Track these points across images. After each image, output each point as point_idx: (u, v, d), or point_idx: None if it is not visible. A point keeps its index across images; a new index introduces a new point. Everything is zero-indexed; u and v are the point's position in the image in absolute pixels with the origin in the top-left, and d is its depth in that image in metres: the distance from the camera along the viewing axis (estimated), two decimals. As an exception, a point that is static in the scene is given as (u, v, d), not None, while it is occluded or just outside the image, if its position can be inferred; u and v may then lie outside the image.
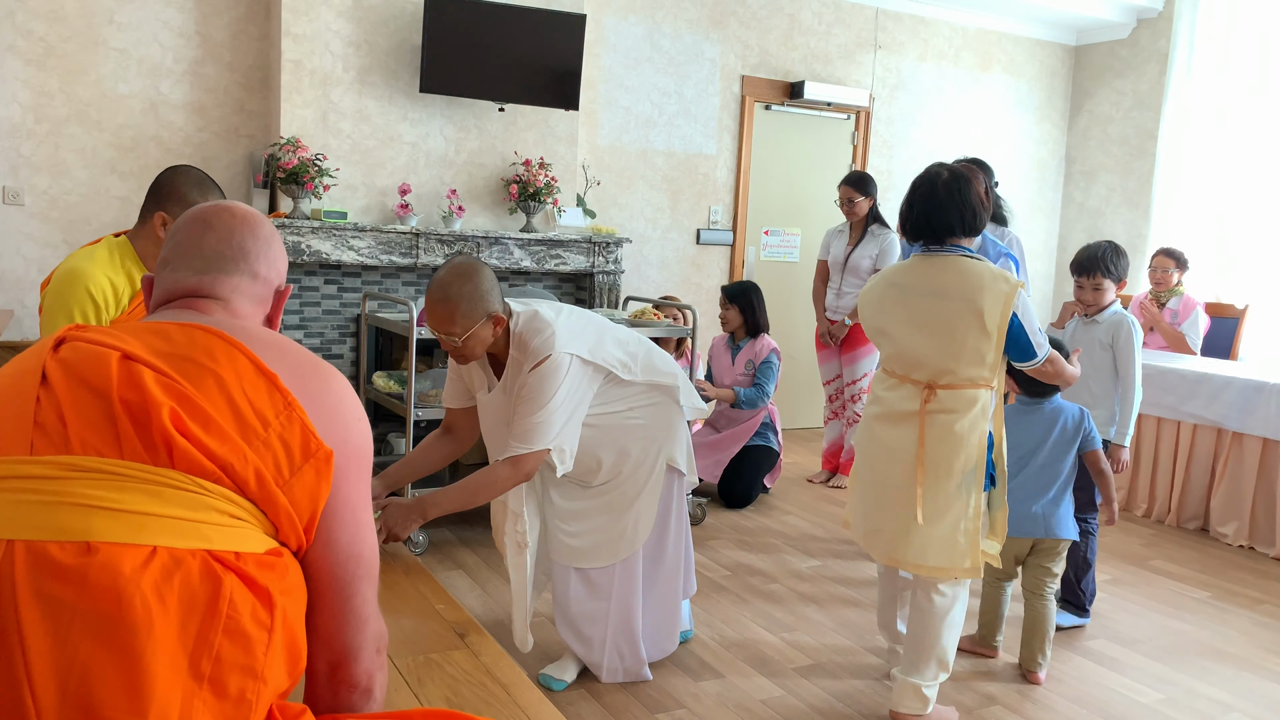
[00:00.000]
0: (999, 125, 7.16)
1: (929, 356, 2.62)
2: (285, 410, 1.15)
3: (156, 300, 1.34)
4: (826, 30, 6.40)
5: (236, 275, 1.33)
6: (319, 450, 1.15)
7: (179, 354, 1.15)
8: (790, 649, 3.17)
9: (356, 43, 4.77)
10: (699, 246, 6.19)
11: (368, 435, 1.24)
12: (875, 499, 2.73)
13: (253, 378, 1.15)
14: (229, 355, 1.16)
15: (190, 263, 1.31)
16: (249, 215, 1.36)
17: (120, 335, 1.17)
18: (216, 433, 1.10)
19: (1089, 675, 3.10)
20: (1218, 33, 6.47)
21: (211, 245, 1.32)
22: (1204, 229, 6.59)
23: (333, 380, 1.24)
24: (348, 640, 1.22)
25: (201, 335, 1.17)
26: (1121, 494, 5.04)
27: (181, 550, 1.05)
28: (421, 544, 3.89)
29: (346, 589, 1.21)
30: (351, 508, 1.21)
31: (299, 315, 4.76)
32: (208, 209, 1.36)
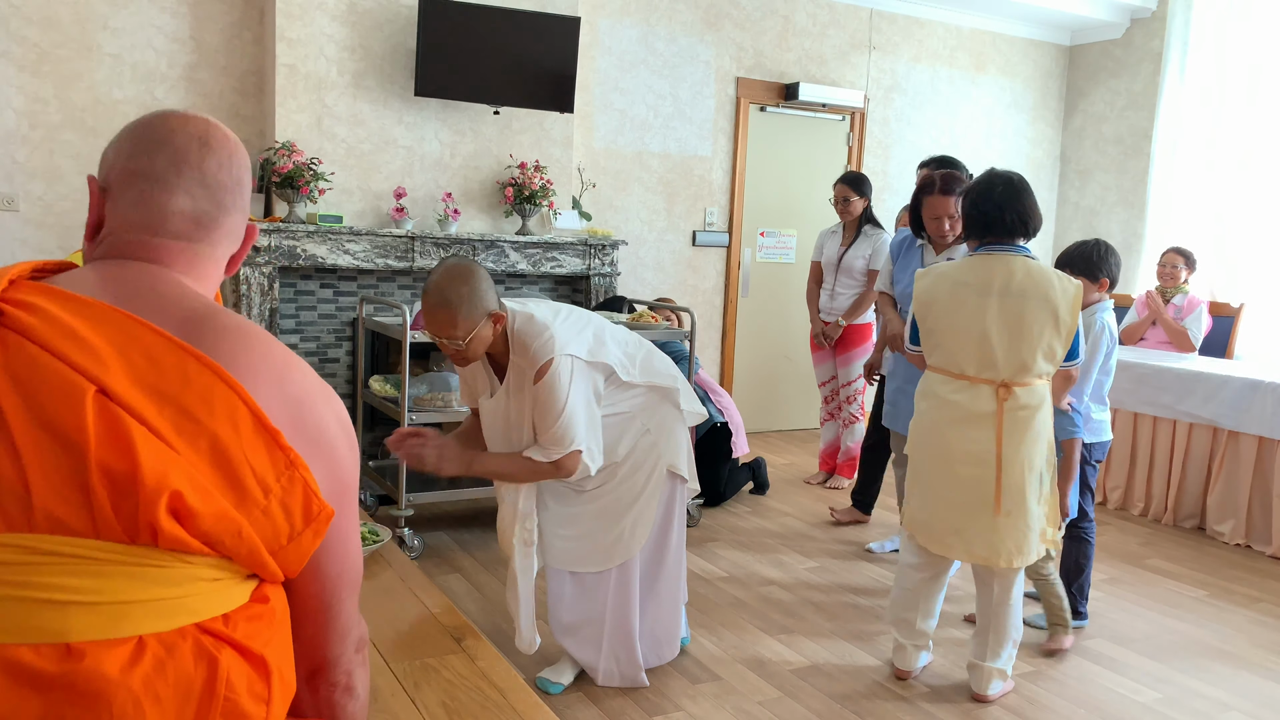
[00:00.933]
0: (994, 125, 7.17)
1: (1006, 355, 2.69)
2: (288, 471, 1.00)
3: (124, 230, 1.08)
4: (821, 32, 6.40)
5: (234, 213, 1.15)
6: (321, 512, 1.03)
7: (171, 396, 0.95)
8: (788, 651, 3.17)
9: (351, 47, 4.77)
10: (695, 248, 6.19)
11: (357, 460, 1.14)
12: (954, 500, 2.78)
13: (252, 435, 0.98)
14: (228, 407, 0.97)
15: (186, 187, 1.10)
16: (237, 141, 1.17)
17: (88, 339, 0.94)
18: (212, 510, 0.95)
19: (1086, 674, 3.10)
20: (1211, 32, 6.49)
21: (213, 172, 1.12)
22: (1199, 228, 6.60)
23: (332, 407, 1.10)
24: (329, 650, 1.16)
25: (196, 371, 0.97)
26: (1118, 493, 5.04)
27: (170, 634, 0.94)
28: (417, 548, 3.89)
29: (330, 608, 1.14)
30: (341, 538, 1.12)
31: (295, 320, 4.76)
32: (193, 120, 1.13)
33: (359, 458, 1.14)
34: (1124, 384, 4.98)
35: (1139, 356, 5.14)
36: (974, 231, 2.80)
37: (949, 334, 2.77)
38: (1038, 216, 2.77)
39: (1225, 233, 6.47)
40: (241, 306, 4.48)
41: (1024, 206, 2.74)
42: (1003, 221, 2.73)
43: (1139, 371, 4.92)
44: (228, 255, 1.18)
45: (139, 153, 1.10)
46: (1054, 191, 7.56)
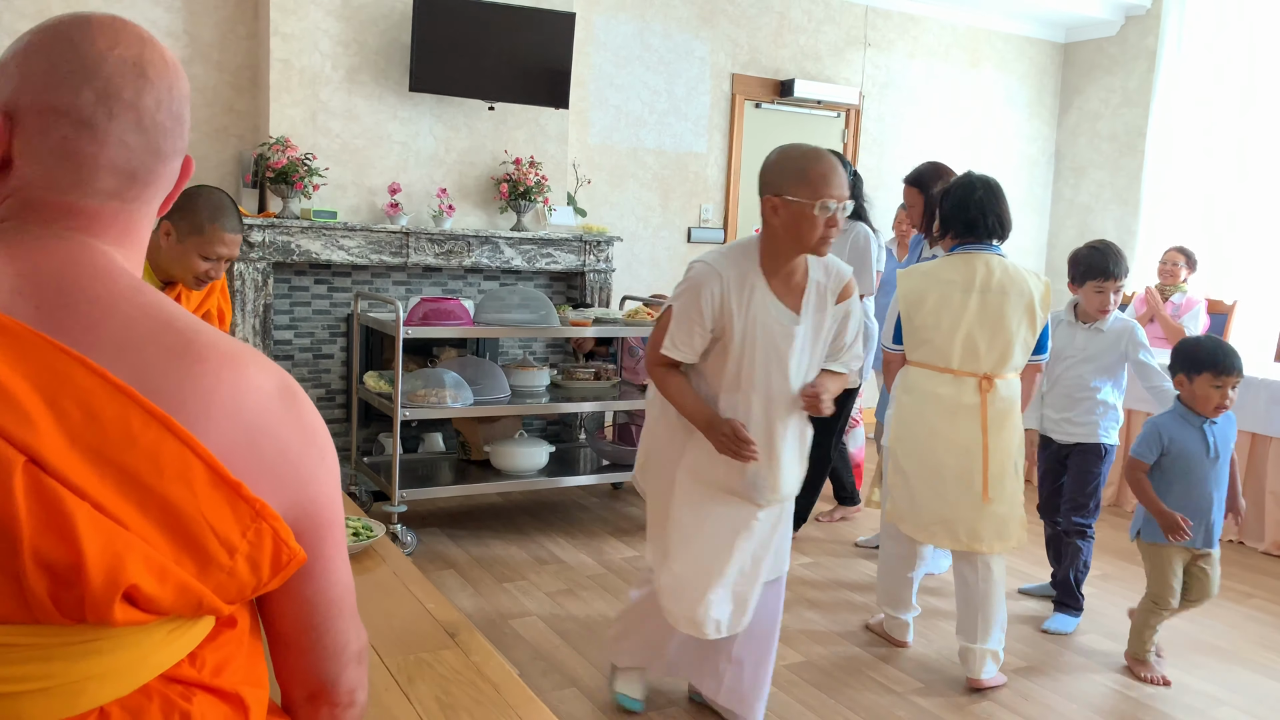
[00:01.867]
0: (989, 122, 7.18)
1: (988, 349, 2.86)
2: (254, 525, 0.86)
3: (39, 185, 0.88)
4: (816, 28, 6.40)
5: (174, 159, 0.95)
6: (291, 560, 0.91)
7: (113, 458, 0.80)
8: (782, 646, 3.17)
9: (345, 42, 4.76)
10: (690, 245, 6.19)
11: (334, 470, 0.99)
12: (940, 490, 2.90)
13: (210, 492, 0.84)
14: (180, 464, 0.82)
15: (119, 131, 0.89)
16: (177, 63, 0.95)
17: (13, 390, 0.77)
18: (172, 586, 0.82)
19: (1081, 670, 3.11)
20: (1205, 30, 6.50)
21: (150, 110, 0.90)
22: (1193, 225, 6.61)
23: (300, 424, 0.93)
24: (323, 674, 1.05)
25: (141, 424, 0.81)
26: (1111, 489, 5.06)
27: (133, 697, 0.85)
28: (411, 544, 3.89)
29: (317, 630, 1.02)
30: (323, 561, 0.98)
31: (289, 315, 4.75)
32: (125, 35, 0.90)
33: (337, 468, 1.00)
34: (1118, 381, 5.00)
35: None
36: (955, 231, 2.96)
37: (936, 330, 2.88)
38: (1010, 219, 2.99)
39: (1219, 230, 6.49)
40: (235, 302, 4.47)
41: (1002, 210, 2.94)
42: (984, 223, 2.92)
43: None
44: (161, 200, 0.99)
45: (60, 82, 0.87)
46: (1049, 189, 7.57)
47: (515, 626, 3.22)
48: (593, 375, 4.54)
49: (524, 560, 3.87)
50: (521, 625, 3.23)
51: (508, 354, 5.29)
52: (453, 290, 5.11)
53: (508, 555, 3.92)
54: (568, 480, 4.33)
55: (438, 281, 5.09)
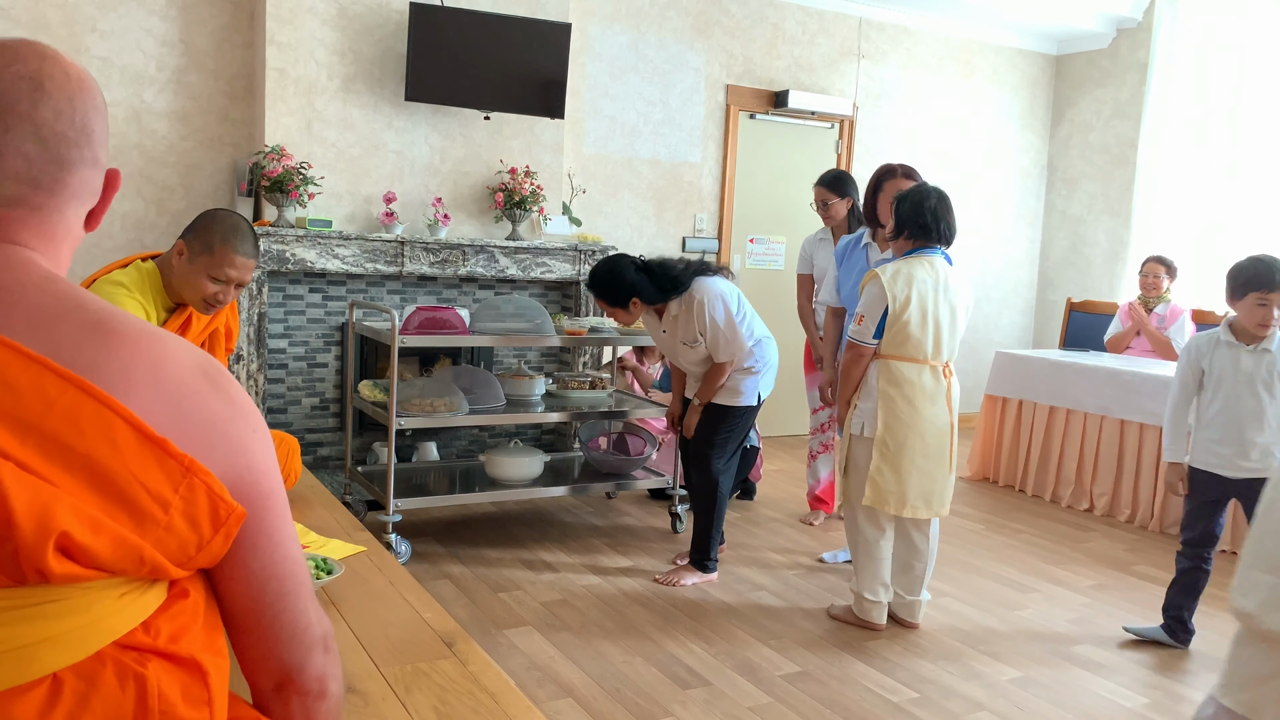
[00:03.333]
0: (981, 133, 7.22)
1: (949, 340, 3.30)
2: (185, 479, 0.88)
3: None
4: (810, 40, 6.43)
5: (80, 168, 0.97)
6: (230, 514, 0.92)
7: (35, 424, 0.82)
8: (778, 656, 3.17)
9: (341, 51, 4.76)
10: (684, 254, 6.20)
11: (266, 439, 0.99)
12: (926, 468, 3.29)
13: (137, 449, 0.85)
14: (101, 424, 0.84)
15: (16, 142, 0.92)
16: (84, 76, 0.98)
17: None
18: (107, 538, 0.83)
19: (1074, 681, 3.11)
20: (1196, 43, 6.55)
21: (48, 120, 0.93)
22: (1185, 236, 6.65)
23: (222, 391, 0.95)
24: (287, 658, 1.04)
25: (57, 389, 0.83)
26: (1105, 499, 5.07)
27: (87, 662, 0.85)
28: (405, 554, 3.88)
29: (272, 609, 1.01)
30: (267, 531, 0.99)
31: (284, 324, 4.74)
32: (24, 53, 0.94)
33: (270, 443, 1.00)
34: (1110, 391, 5.02)
35: (1125, 363, 5.17)
36: (912, 234, 3.28)
37: (919, 325, 3.24)
38: (956, 227, 3.36)
39: (1210, 241, 6.52)
40: (230, 310, 4.46)
41: (951, 218, 3.29)
42: (937, 230, 3.26)
43: (1126, 378, 4.95)
44: (82, 214, 1.01)
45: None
46: (1041, 200, 7.61)
47: (510, 636, 3.21)
48: (588, 384, 4.54)
49: (519, 570, 3.86)
50: (516, 635, 3.23)
51: (503, 363, 5.29)
52: (448, 299, 5.11)
53: (502, 565, 3.91)
54: (563, 490, 4.32)
55: (433, 290, 5.09)
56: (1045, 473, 5.39)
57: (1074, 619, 3.62)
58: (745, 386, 3.77)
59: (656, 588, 3.73)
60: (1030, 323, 7.71)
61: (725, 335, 3.64)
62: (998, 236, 7.42)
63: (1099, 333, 6.02)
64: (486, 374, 4.38)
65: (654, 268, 3.70)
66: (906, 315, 3.20)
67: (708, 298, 3.64)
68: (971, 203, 7.25)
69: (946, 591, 3.83)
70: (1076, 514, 5.12)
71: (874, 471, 3.27)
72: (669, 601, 3.60)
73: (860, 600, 3.41)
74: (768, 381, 3.86)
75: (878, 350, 3.28)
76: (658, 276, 3.68)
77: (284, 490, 1.03)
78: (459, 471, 4.56)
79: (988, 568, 4.16)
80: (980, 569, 4.14)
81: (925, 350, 3.25)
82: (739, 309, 3.71)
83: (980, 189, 7.27)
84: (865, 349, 3.28)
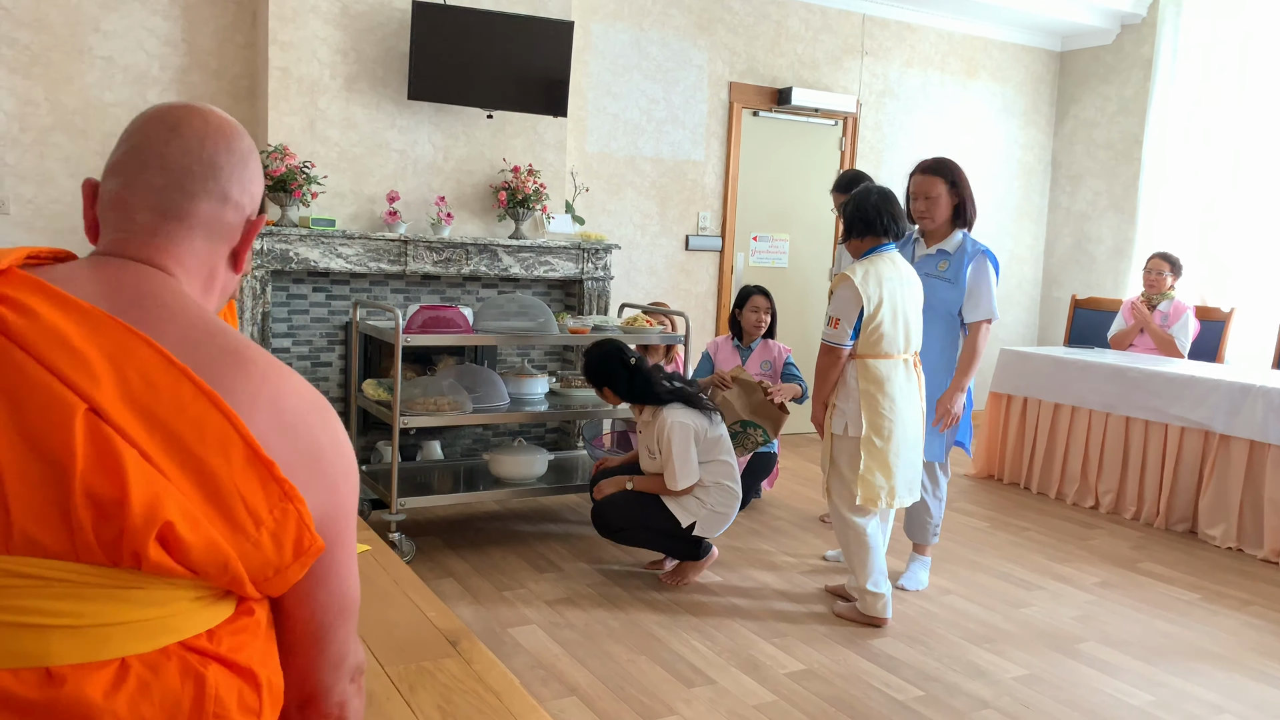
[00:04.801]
0: (985, 130, 7.20)
1: (915, 332, 3.41)
2: (281, 504, 0.95)
3: (106, 231, 1.07)
4: (814, 37, 6.42)
5: (201, 199, 1.07)
6: (312, 546, 0.99)
7: (164, 422, 0.91)
8: (782, 654, 3.16)
9: (344, 50, 4.76)
10: (688, 253, 6.19)
11: (356, 486, 1.08)
12: (910, 458, 3.39)
13: (245, 467, 0.93)
14: (221, 438, 0.93)
15: (148, 178, 1.05)
16: (225, 124, 1.10)
17: (82, 350, 0.90)
18: (202, 539, 0.90)
19: (1079, 678, 3.10)
20: (1201, 38, 6.52)
21: (175, 156, 1.06)
22: (1190, 233, 6.63)
23: (329, 432, 1.03)
24: (321, 679, 1.11)
25: (191, 397, 0.92)
26: (1110, 496, 5.06)
27: (153, 654, 0.91)
28: (409, 552, 3.88)
29: (323, 637, 1.09)
30: (336, 566, 1.07)
31: (287, 323, 4.74)
32: (176, 108, 1.09)
33: (358, 484, 1.09)
34: (1116, 388, 5.00)
35: (1130, 360, 5.16)
36: (861, 234, 3.38)
37: (891, 323, 3.32)
38: (904, 220, 3.41)
39: (1215, 237, 6.50)
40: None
41: (896, 210, 3.37)
42: (882, 224, 3.34)
43: (1130, 376, 4.94)
44: (218, 250, 1.10)
45: (118, 148, 1.09)
46: (1045, 197, 7.59)
47: (514, 635, 3.21)
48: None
49: (523, 568, 3.86)
50: (521, 634, 3.23)
51: (506, 362, 5.28)
52: (451, 298, 5.11)
53: (507, 563, 3.91)
54: (566, 488, 4.32)
55: (436, 289, 5.09)
56: (1050, 470, 5.38)
57: (1079, 616, 3.61)
58: (691, 507, 3.69)
59: (661, 585, 3.73)
60: (1035, 320, 7.70)
61: (676, 462, 3.62)
62: (1002, 233, 7.40)
63: (1104, 330, 6.01)
64: (490, 373, 4.38)
65: (641, 372, 3.73)
66: (880, 315, 3.29)
67: (673, 421, 3.65)
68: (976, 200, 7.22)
69: (951, 589, 3.83)
70: (1082, 511, 5.11)
71: (864, 471, 3.32)
72: (673, 599, 3.60)
73: (864, 595, 3.42)
74: (711, 524, 3.70)
75: (853, 351, 3.35)
76: (638, 381, 3.72)
77: (355, 531, 1.10)
78: (463, 470, 4.56)
79: (993, 565, 4.16)
80: (985, 566, 4.13)
81: (898, 346, 3.35)
82: (693, 445, 3.64)
83: (984, 186, 7.26)
84: (842, 351, 3.35)
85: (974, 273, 3.69)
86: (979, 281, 3.67)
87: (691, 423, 3.67)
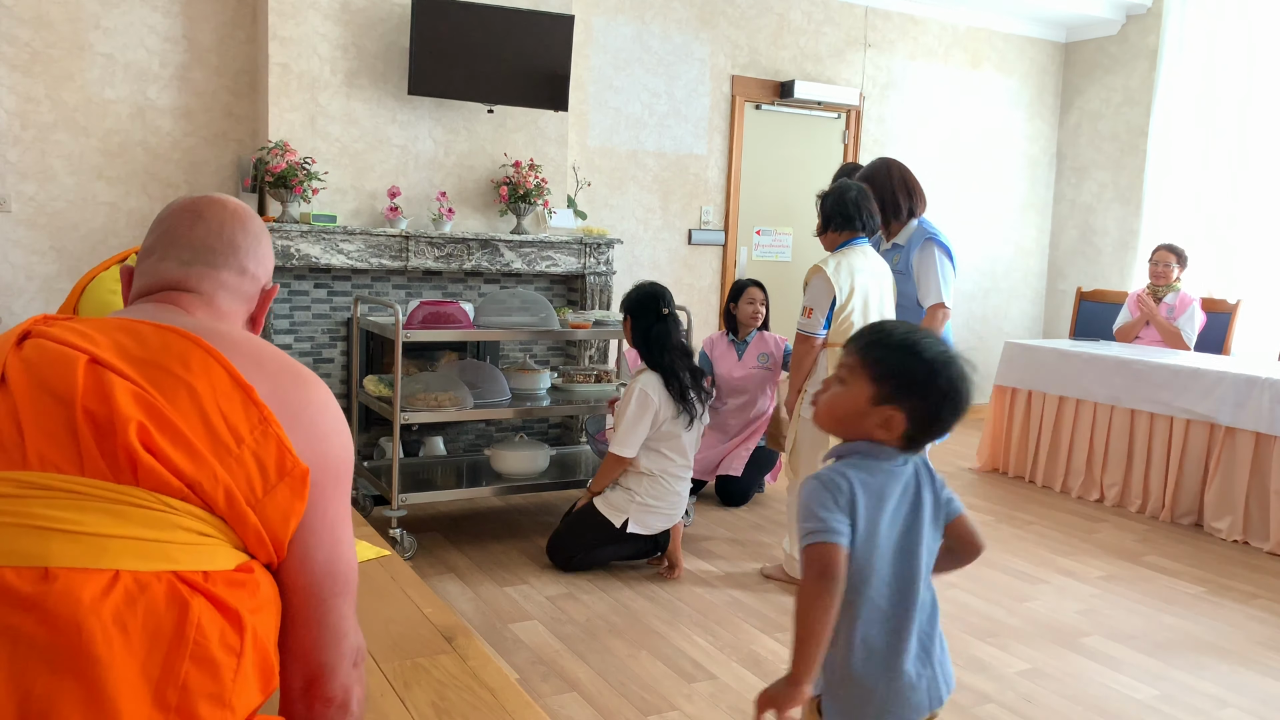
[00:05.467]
0: (990, 122, 7.16)
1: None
2: (260, 426, 1.08)
3: (137, 291, 1.27)
4: (816, 29, 6.39)
5: (224, 270, 1.28)
6: (295, 468, 1.09)
7: (152, 360, 1.07)
8: (784, 649, 3.15)
9: (344, 45, 4.75)
10: (691, 247, 6.17)
11: (349, 448, 1.19)
12: None
13: (228, 390, 1.07)
14: (204, 365, 1.08)
15: (177, 253, 1.26)
16: (240, 209, 1.32)
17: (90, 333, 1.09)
18: (186, 449, 1.03)
19: (1083, 672, 3.09)
20: (1207, 28, 6.48)
21: (200, 236, 1.27)
22: (1196, 224, 6.59)
23: (314, 391, 1.17)
24: (324, 657, 1.16)
25: (177, 340, 1.09)
26: (1115, 489, 5.03)
27: (146, 574, 0.99)
28: (410, 548, 3.87)
29: (323, 606, 1.15)
30: (329, 524, 1.15)
31: (289, 320, 4.74)
32: (199, 199, 1.31)
33: (351, 449, 1.18)
34: (1121, 380, 4.98)
35: (1135, 352, 5.13)
36: (839, 228, 3.53)
37: (861, 313, 3.45)
38: (878, 216, 3.60)
39: (1222, 229, 6.47)
40: (235, 306, 4.47)
41: (872, 207, 3.55)
42: (860, 219, 3.52)
43: (1136, 368, 4.91)
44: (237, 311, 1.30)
45: (149, 236, 1.32)
46: (1050, 189, 7.55)
47: (516, 630, 3.21)
48: (594, 378, 4.53)
49: (524, 564, 3.85)
50: (522, 629, 3.22)
51: (508, 357, 5.28)
52: (453, 294, 5.10)
53: (508, 559, 3.91)
54: (569, 484, 4.31)
55: (438, 285, 5.08)
56: (1055, 463, 5.36)
57: (1083, 610, 3.60)
58: (620, 503, 3.69)
59: (662, 580, 3.72)
60: (1040, 312, 7.66)
61: (622, 425, 3.64)
62: (1007, 226, 7.37)
63: (1109, 322, 5.98)
64: (492, 368, 4.37)
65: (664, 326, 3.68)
66: (851, 305, 3.44)
67: (642, 386, 3.66)
68: (980, 192, 7.20)
69: (954, 583, 3.81)
70: (1086, 504, 5.09)
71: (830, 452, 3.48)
72: (674, 595, 3.59)
73: (792, 560, 3.66)
74: (643, 518, 3.69)
75: (825, 339, 3.49)
76: (655, 332, 3.68)
77: (349, 493, 1.20)
78: (465, 466, 4.56)
79: (997, 559, 4.14)
80: (989, 560, 4.12)
81: None
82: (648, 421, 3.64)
83: (989, 178, 7.23)
84: (816, 340, 3.49)
85: (918, 259, 3.76)
86: (923, 268, 3.73)
87: (656, 399, 3.66)
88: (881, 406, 1.53)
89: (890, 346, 1.53)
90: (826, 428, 1.63)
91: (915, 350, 1.52)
